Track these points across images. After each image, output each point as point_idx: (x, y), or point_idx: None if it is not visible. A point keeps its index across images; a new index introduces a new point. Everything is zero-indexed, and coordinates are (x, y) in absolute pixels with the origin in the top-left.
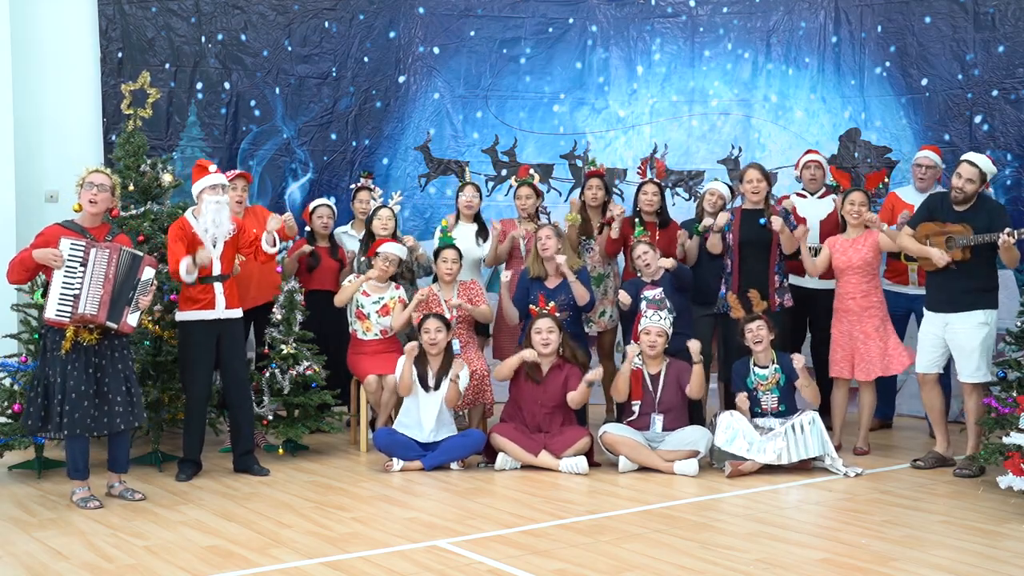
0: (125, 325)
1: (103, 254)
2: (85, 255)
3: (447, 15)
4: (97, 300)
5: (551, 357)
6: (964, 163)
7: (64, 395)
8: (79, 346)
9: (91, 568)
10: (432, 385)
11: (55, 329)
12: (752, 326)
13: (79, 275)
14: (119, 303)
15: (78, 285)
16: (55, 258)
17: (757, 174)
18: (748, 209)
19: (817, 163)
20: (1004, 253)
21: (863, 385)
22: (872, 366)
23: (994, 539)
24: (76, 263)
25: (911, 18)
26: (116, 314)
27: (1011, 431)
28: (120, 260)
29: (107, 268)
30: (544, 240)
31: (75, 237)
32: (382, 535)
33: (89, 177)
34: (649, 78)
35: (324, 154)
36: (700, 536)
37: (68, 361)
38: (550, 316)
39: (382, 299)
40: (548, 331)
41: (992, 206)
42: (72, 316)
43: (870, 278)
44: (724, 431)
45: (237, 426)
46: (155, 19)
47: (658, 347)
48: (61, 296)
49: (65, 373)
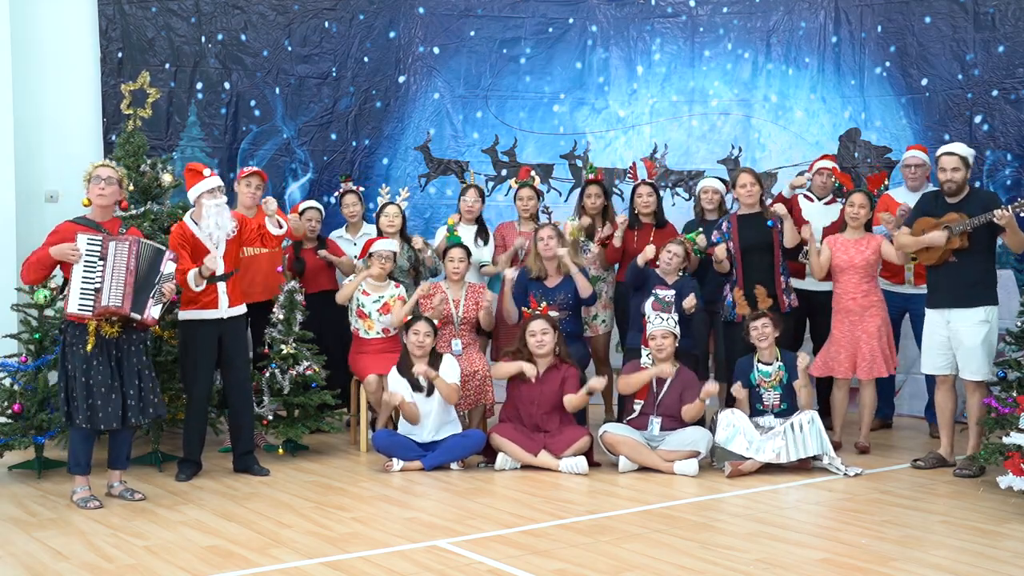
0: (148, 317)
1: (122, 246)
2: (103, 249)
3: (447, 15)
4: (120, 292)
5: (547, 358)
6: (943, 156)
7: (89, 390)
8: (101, 340)
9: (91, 568)
10: (425, 388)
11: (75, 324)
12: (757, 323)
13: (99, 269)
14: (142, 294)
15: (99, 279)
16: (73, 253)
17: (750, 178)
18: (744, 215)
19: (830, 171)
20: (1009, 237)
21: (864, 384)
22: (874, 365)
23: (994, 539)
24: (95, 257)
25: (911, 18)
26: (140, 305)
27: (1011, 431)
28: (140, 251)
29: (127, 260)
30: (546, 240)
31: (91, 232)
32: (382, 535)
33: (96, 171)
34: (649, 78)
35: (324, 154)
36: (700, 536)
37: (92, 356)
38: (543, 317)
39: (382, 298)
40: (542, 333)
41: (984, 194)
42: (95, 309)
43: (869, 278)
44: (724, 429)
45: (237, 426)
46: (155, 19)
47: (666, 349)
48: (82, 290)
49: (90, 368)
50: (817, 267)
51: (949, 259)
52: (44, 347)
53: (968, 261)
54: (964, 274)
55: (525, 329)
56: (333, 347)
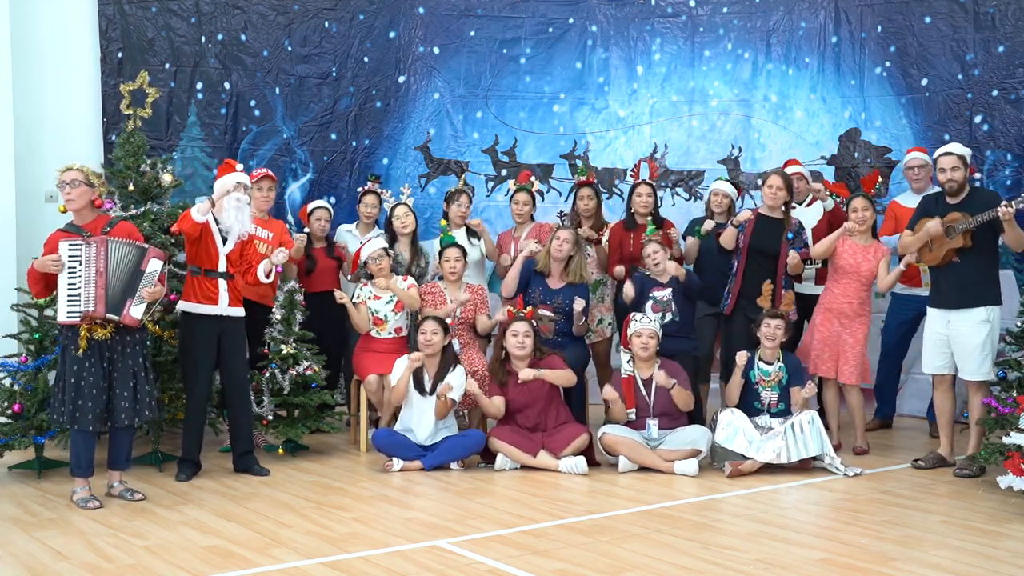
0: (128, 317)
1: (91, 249)
2: (82, 254)
3: (447, 15)
4: (93, 295)
5: (526, 360)
6: (941, 157)
7: (78, 392)
8: (93, 342)
9: (91, 568)
10: (428, 389)
11: (71, 327)
12: (772, 322)
13: (79, 275)
14: (118, 295)
15: (79, 284)
16: (55, 264)
17: (779, 182)
18: (764, 216)
19: (799, 174)
20: (1009, 234)
21: (848, 388)
22: (855, 371)
23: (994, 539)
24: (76, 263)
25: (911, 18)
26: (116, 306)
27: (1011, 431)
28: (109, 252)
29: (95, 262)
30: (561, 242)
31: (72, 238)
32: (382, 535)
33: (61, 177)
34: (649, 78)
35: (324, 154)
36: (700, 536)
37: (85, 358)
38: (526, 320)
39: (394, 296)
40: (524, 335)
41: (985, 193)
42: (81, 316)
43: (867, 287)
44: (724, 428)
45: (237, 426)
46: (155, 19)
47: (650, 349)
48: (68, 298)
49: (82, 371)
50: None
51: (952, 259)
52: (44, 347)
53: (971, 261)
54: (967, 274)
55: (505, 330)
56: (333, 347)
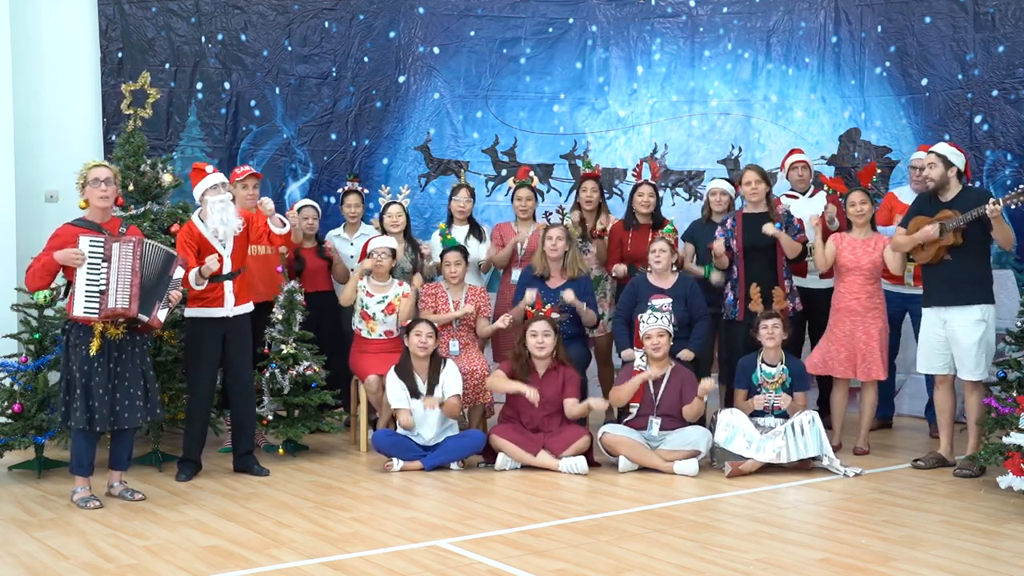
0: (155, 319)
1: (126, 248)
2: (107, 251)
3: (447, 15)
4: (127, 293)
5: (547, 360)
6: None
7: (88, 392)
8: (105, 341)
9: (91, 568)
10: (424, 392)
11: (79, 325)
12: (768, 323)
13: (103, 271)
14: (150, 296)
15: (103, 281)
16: (77, 256)
17: (755, 175)
18: (749, 213)
19: (804, 163)
20: (997, 231)
21: (866, 385)
22: (872, 367)
23: (994, 539)
24: (98, 259)
25: (911, 18)
26: (147, 307)
27: (1011, 431)
28: (145, 253)
29: (132, 261)
30: (554, 240)
31: (92, 234)
32: (382, 535)
33: (93, 173)
34: (649, 78)
35: (324, 154)
36: (700, 536)
37: (94, 359)
38: (546, 319)
39: (386, 297)
40: (544, 334)
41: (977, 191)
42: (100, 312)
43: (874, 280)
44: (724, 429)
45: (239, 426)
46: (155, 19)
47: (663, 348)
48: (87, 293)
49: (91, 370)
50: (821, 260)
51: (944, 257)
52: (44, 347)
53: (963, 259)
54: (959, 272)
55: (526, 330)
56: (332, 347)
